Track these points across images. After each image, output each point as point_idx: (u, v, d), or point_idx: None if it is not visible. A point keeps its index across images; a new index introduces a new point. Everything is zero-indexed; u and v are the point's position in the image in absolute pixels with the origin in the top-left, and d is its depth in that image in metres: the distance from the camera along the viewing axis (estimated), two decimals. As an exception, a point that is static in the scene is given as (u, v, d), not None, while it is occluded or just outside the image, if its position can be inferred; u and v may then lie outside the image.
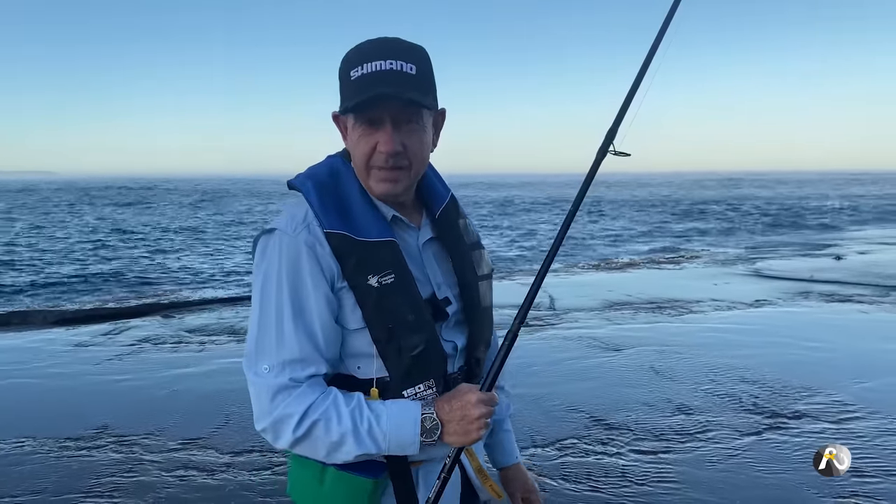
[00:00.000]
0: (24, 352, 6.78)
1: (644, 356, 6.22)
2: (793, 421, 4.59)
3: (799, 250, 15.99)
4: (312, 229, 1.30)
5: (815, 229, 24.40)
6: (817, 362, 5.97)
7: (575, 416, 4.76)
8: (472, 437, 1.29)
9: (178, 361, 6.30)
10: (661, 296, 9.36)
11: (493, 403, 1.32)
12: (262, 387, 1.26)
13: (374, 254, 1.30)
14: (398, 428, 1.26)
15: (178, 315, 8.72)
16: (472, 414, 1.28)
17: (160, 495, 3.70)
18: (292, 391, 1.25)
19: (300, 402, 1.25)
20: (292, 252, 1.28)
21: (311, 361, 1.27)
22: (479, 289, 1.48)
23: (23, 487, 3.78)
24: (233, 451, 4.20)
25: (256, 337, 1.29)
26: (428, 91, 1.33)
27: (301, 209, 1.33)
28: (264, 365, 1.27)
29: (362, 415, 1.26)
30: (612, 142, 1.45)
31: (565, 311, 8.37)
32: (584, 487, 3.73)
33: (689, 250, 17.55)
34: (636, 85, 1.46)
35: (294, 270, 1.27)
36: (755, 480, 3.76)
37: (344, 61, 1.32)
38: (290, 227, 1.30)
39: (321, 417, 1.24)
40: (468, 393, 1.30)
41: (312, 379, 1.28)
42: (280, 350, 1.26)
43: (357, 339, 1.32)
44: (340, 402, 1.26)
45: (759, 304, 8.73)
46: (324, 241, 1.29)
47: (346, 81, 1.30)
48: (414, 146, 1.32)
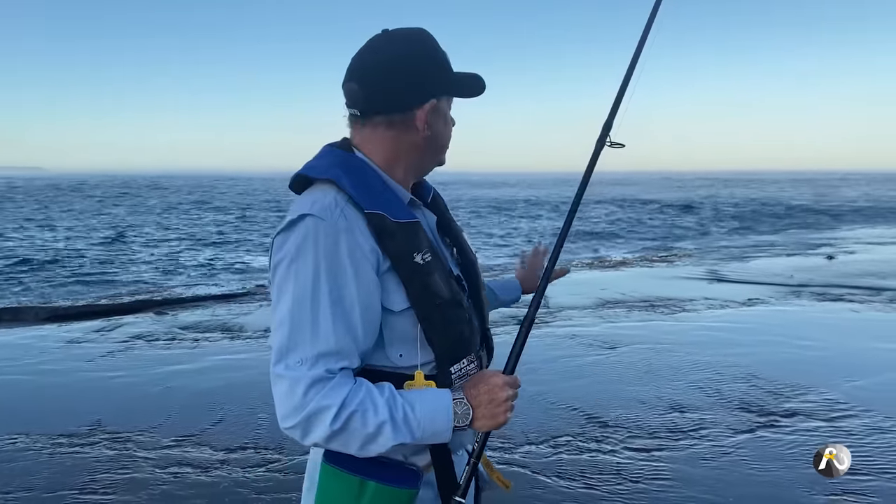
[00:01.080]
0: (16, 348, 6.76)
1: (638, 354, 6.24)
2: (785, 419, 4.61)
3: (791, 249, 16.06)
4: (348, 213, 1.26)
5: (809, 228, 24.49)
6: (809, 361, 6.00)
7: (569, 414, 4.77)
8: (499, 420, 1.30)
9: (171, 358, 6.29)
10: (654, 294, 9.39)
11: (517, 386, 1.34)
12: (294, 380, 1.20)
13: (412, 233, 1.30)
14: (432, 414, 1.25)
15: (172, 312, 8.69)
16: (500, 396, 1.29)
17: (154, 492, 3.69)
18: (327, 383, 1.20)
19: (336, 393, 1.20)
20: (329, 238, 1.22)
21: (346, 354, 1.23)
22: (478, 267, 1.54)
23: (15, 484, 3.76)
24: (227, 448, 4.19)
25: (289, 330, 1.22)
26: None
27: (328, 195, 1.28)
28: (297, 358, 1.21)
29: (397, 404, 1.23)
30: (608, 133, 1.49)
31: (559, 310, 8.38)
32: (578, 485, 3.74)
33: (682, 249, 17.60)
34: (629, 75, 1.50)
35: (332, 258, 1.22)
36: (748, 478, 3.78)
37: (434, 48, 1.38)
38: (324, 212, 1.24)
39: (358, 408, 1.20)
40: (494, 376, 1.32)
41: (344, 371, 1.24)
42: (315, 342, 1.21)
43: (400, 322, 1.29)
44: (375, 393, 1.24)
45: (752, 303, 8.77)
46: (363, 224, 1.26)
47: (447, 66, 1.39)
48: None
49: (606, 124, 1.49)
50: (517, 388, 1.34)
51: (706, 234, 23.30)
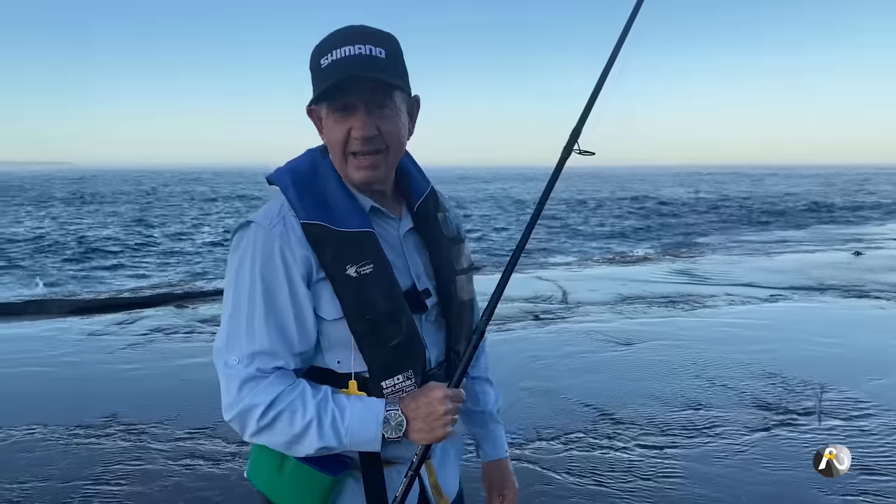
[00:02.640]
0: (39, 340, 6.86)
1: (655, 351, 6.18)
2: (803, 417, 4.53)
3: (817, 245, 15.80)
4: (288, 221, 1.30)
5: (835, 223, 24.08)
6: (831, 358, 5.89)
7: (582, 410, 4.73)
8: (437, 433, 1.27)
9: (188, 351, 6.35)
10: (674, 290, 9.29)
11: (460, 400, 1.31)
12: (231, 377, 1.26)
13: (352, 244, 1.30)
14: (360, 424, 1.26)
15: (192, 305, 8.77)
16: (438, 410, 1.27)
17: (166, 483, 3.73)
18: (259, 382, 1.25)
19: (267, 392, 1.25)
20: (267, 245, 1.28)
21: (279, 355, 1.27)
22: (457, 283, 1.47)
23: (31, 474, 3.82)
24: (239, 441, 4.21)
25: (228, 329, 1.29)
26: (399, 75, 1.32)
27: (277, 203, 1.34)
28: (234, 356, 1.27)
29: (327, 408, 1.26)
30: (576, 140, 1.44)
31: (577, 305, 8.32)
32: (588, 482, 3.71)
33: (703, 244, 17.39)
34: (600, 84, 1.45)
35: (267, 264, 1.27)
36: (762, 477, 3.72)
37: (313, 53, 1.32)
38: (265, 220, 1.31)
39: (286, 408, 1.24)
40: (434, 389, 1.29)
41: (280, 371, 1.28)
42: (250, 342, 1.26)
43: (335, 331, 1.31)
44: (308, 395, 1.27)
45: (774, 299, 8.64)
46: (300, 233, 1.29)
47: (317, 71, 1.30)
48: (389, 129, 1.31)
49: (574, 132, 1.43)
50: (459, 403, 1.30)
51: (728, 229, 23.00)
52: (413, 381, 1.34)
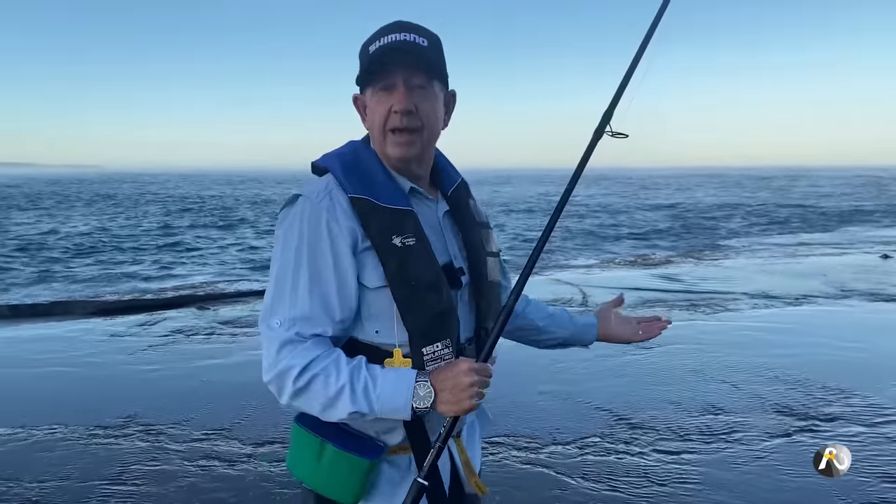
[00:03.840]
0: (62, 341, 6.97)
1: (675, 354, 6.11)
2: (825, 423, 4.45)
3: (844, 248, 15.54)
4: (334, 195, 1.38)
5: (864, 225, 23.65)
6: (855, 363, 5.78)
7: (599, 414, 4.69)
8: (464, 405, 1.31)
9: (208, 353, 6.41)
10: (697, 293, 9.19)
11: (486, 374, 1.34)
12: (272, 339, 1.33)
13: (396, 218, 1.38)
14: (392, 391, 1.30)
15: (213, 307, 8.86)
16: (464, 381, 1.31)
17: (181, 484, 3.76)
18: (297, 345, 1.31)
19: (304, 355, 1.31)
20: (314, 217, 1.35)
21: (319, 322, 1.33)
22: (488, 264, 1.54)
23: (50, 473, 3.88)
24: (255, 443, 4.24)
25: (273, 294, 1.36)
26: (438, 64, 1.43)
27: (324, 180, 1.42)
28: (276, 320, 1.34)
29: (360, 375, 1.31)
30: (608, 122, 1.44)
31: (597, 308, 8.24)
32: (603, 487, 3.67)
33: (728, 247, 17.19)
34: (635, 62, 1.46)
35: (314, 234, 1.34)
36: (780, 484, 3.66)
37: (363, 45, 1.43)
38: (312, 194, 1.38)
39: (321, 372, 1.30)
40: (462, 362, 1.34)
41: (318, 338, 1.34)
42: (292, 307, 1.33)
43: (378, 299, 1.37)
44: (342, 361, 1.32)
45: (799, 303, 8.51)
46: (346, 206, 1.36)
47: (364, 57, 1.41)
48: (426, 109, 1.41)
49: (607, 113, 1.45)
50: (487, 377, 1.34)
51: (754, 231, 22.70)
52: (450, 349, 1.40)
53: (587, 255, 16.10)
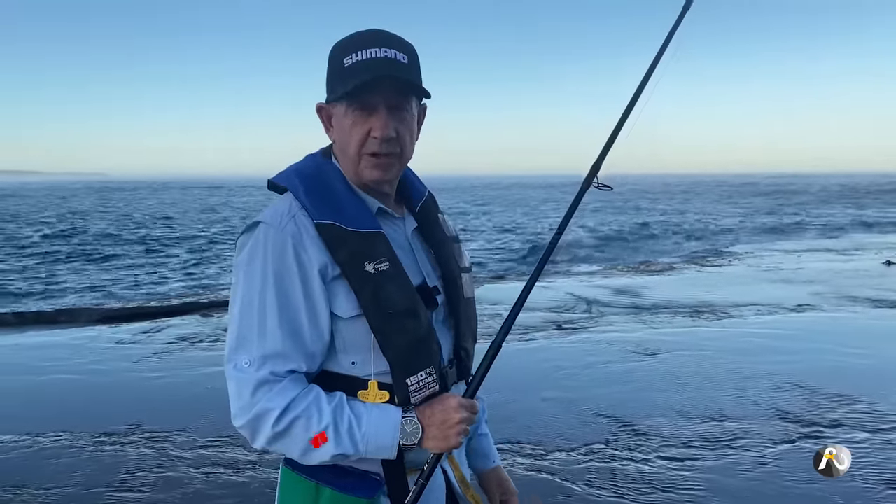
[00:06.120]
0: (68, 348, 7.00)
1: (678, 361, 6.12)
2: (829, 430, 4.45)
3: (848, 254, 15.52)
4: (299, 220, 1.28)
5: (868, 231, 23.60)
6: (859, 370, 5.78)
7: (603, 421, 4.70)
8: (451, 442, 1.28)
9: (212, 360, 6.41)
10: (700, 299, 9.19)
11: (474, 410, 1.32)
12: (242, 381, 1.23)
13: (367, 242, 1.29)
14: (378, 430, 1.25)
15: (217, 314, 8.87)
16: (453, 419, 1.28)
17: (187, 491, 3.77)
18: (273, 386, 1.22)
19: (282, 396, 1.22)
20: (278, 244, 1.26)
21: (293, 357, 1.24)
22: (462, 280, 1.48)
23: (57, 480, 3.89)
24: (259, 450, 4.24)
25: (238, 331, 1.26)
26: (418, 80, 1.34)
27: (285, 202, 1.32)
28: (245, 359, 1.24)
29: (343, 414, 1.24)
30: (595, 175, 1.48)
31: (600, 315, 8.28)
32: (608, 493, 3.68)
33: (731, 253, 17.17)
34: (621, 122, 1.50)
35: (280, 263, 1.25)
36: (784, 490, 3.66)
37: (336, 50, 1.33)
38: (275, 219, 1.28)
39: (302, 414, 1.22)
40: (449, 398, 1.31)
41: (294, 375, 1.25)
42: (262, 344, 1.24)
43: (352, 330, 1.29)
44: (322, 400, 1.24)
45: (802, 309, 8.51)
46: (313, 232, 1.27)
47: (339, 69, 1.30)
48: (405, 133, 1.33)
49: (594, 167, 1.48)
50: (474, 414, 1.31)
51: (758, 238, 22.68)
52: (434, 377, 1.33)
53: (590, 262, 16.10)
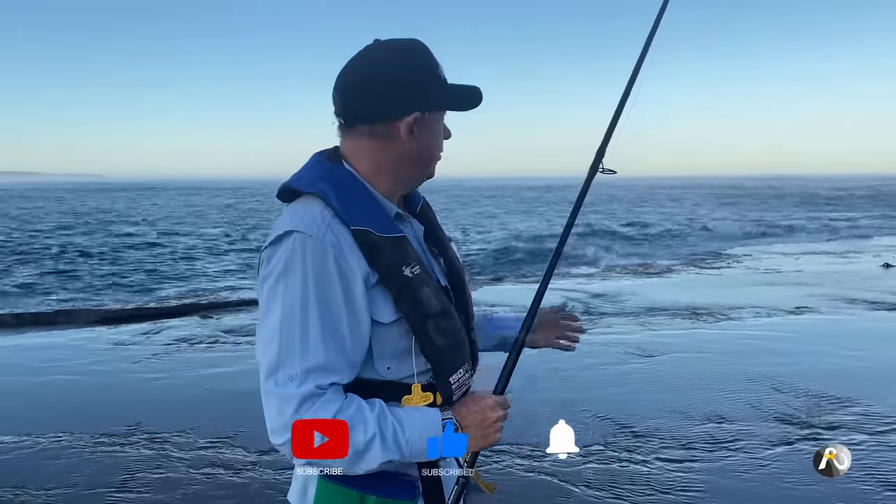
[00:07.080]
0: (67, 349, 7.00)
1: (677, 363, 6.13)
2: (827, 432, 4.47)
3: (846, 256, 15.54)
4: (335, 228, 1.25)
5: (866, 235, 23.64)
6: (857, 372, 5.79)
7: (602, 423, 4.71)
8: (490, 440, 1.33)
9: (212, 361, 6.43)
10: (698, 302, 9.20)
11: (507, 407, 1.36)
12: (284, 397, 1.20)
13: (399, 247, 1.30)
14: (422, 433, 1.26)
15: (216, 315, 8.88)
16: (491, 417, 1.32)
17: (187, 492, 3.78)
18: (317, 400, 1.20)
19: (327, 410, 1.20)
20: (318, 255, 1.22)
21: (336, 369, 1.23)
22: (465, 277, 1.53)
23: (57, 481, 3.90)
24: (260, 450, 4.26)
25: (278, 346, 1.22)
26: None
27: (313, 209, 1.28)
28: (286, 374, 1.21)
29: (387, 421, 1.24)
30: (601, 160, 1.55)
31: (599, 316, 8.29)
32: (607, 495, 3.69)
33: (730, 255, 17.19)
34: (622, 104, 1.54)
35: (321, 274, 1.22)
36: (783, 492, 3.67)
37: (424, 59, 1.35)
38: (311, 228, 1.24)
39: (348, 425, 1.21)
40: (485, 397, 1.35)
41: (335, 386, 1.24)
42: (304, 358, 1.21)
43: (390, 335, 1.29)
44: (365, 409, 1.24)
45: (800, 311, 8.52)
46: (350, 240, 1.25)
47: (439, 79, 1.36)
48: None
49: (599, 151, 1.54)
50: (507, 409, 1.36)
51: (754, 239, 22.70)
52: (469, 373, 1.38)
53: (589, 263, 16.11)
